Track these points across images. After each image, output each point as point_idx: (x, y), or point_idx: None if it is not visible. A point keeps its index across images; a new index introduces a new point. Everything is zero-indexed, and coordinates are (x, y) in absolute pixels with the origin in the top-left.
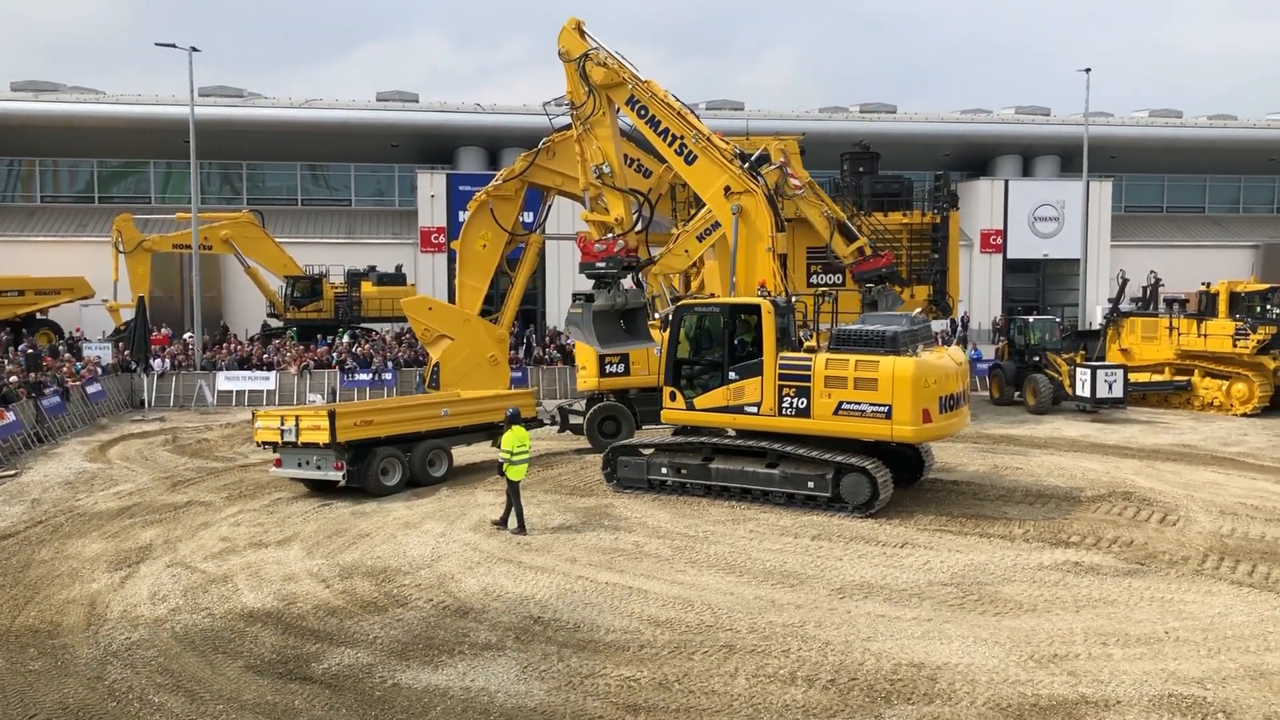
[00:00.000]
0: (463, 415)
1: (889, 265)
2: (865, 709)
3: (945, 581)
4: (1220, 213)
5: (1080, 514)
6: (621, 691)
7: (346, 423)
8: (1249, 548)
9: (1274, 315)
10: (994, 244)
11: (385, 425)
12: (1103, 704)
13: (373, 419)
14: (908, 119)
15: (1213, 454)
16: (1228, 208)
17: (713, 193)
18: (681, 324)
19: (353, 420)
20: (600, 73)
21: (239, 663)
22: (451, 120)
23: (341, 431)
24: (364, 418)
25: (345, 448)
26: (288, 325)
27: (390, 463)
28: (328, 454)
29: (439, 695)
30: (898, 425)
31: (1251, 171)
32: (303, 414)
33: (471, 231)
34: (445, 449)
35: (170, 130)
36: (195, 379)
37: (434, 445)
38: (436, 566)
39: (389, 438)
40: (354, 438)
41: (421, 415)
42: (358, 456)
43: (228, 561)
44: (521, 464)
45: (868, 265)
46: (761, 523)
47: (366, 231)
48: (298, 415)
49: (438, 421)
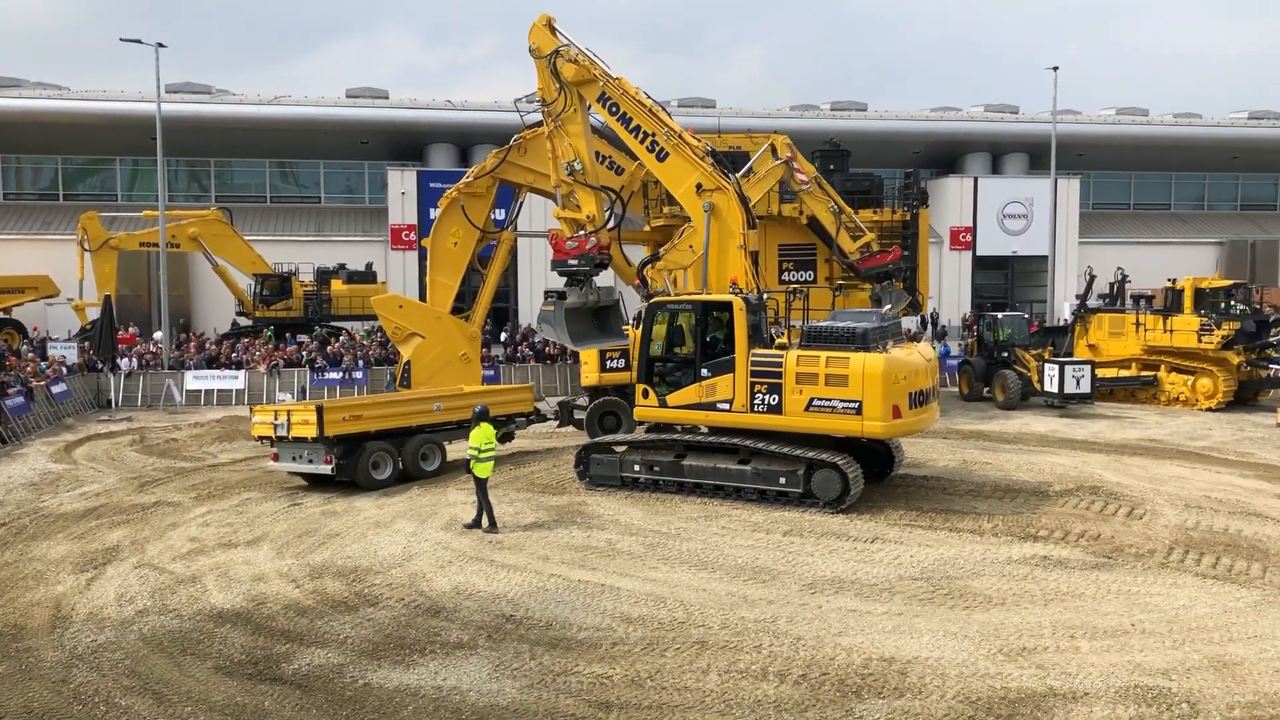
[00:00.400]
0: (456, 410)
1: (895, 261)
2: (836, 703)
3: (915, 576)
4: (1185, 210)
5: (1048, 508)
6: (594, 689)
7: (335, 417)
8: (1213, 540)
9: (1238, 311)
10: (963, 241)
11: (375, 420)
12: (1070, 696)
13: (362, 413)
14: (878, 117)
15: (1178, 448)
16: (1193, 205)
17: (684, 190)
18: (654, 321)
19: (341, 415)
20: (571, 69)
21: (208, 664)
22: (422, 117)
23: (329, 426)
24: (353, 412)
25: (334, 442)
26: (263, 324)
27: (381, 457)
28: (318, 448)
29: (410, 695)
30: (868, 421)
31: (1216, 169)
32: (294, 409)
33: (443, 229)
34: (438, 443)
35: (136, 127)
36: (163, 378)
37: (426, 440)
38: (408, 565)
39: (379, 432)
40: (342, 432)
41: (413, 410)
42: (348, 451)
43: (196, 562)
44: (488, 461)
45: (874, 261)
46: (734, 519)
47: (336, 229)
48: (289, 410)
49: (429, 416)
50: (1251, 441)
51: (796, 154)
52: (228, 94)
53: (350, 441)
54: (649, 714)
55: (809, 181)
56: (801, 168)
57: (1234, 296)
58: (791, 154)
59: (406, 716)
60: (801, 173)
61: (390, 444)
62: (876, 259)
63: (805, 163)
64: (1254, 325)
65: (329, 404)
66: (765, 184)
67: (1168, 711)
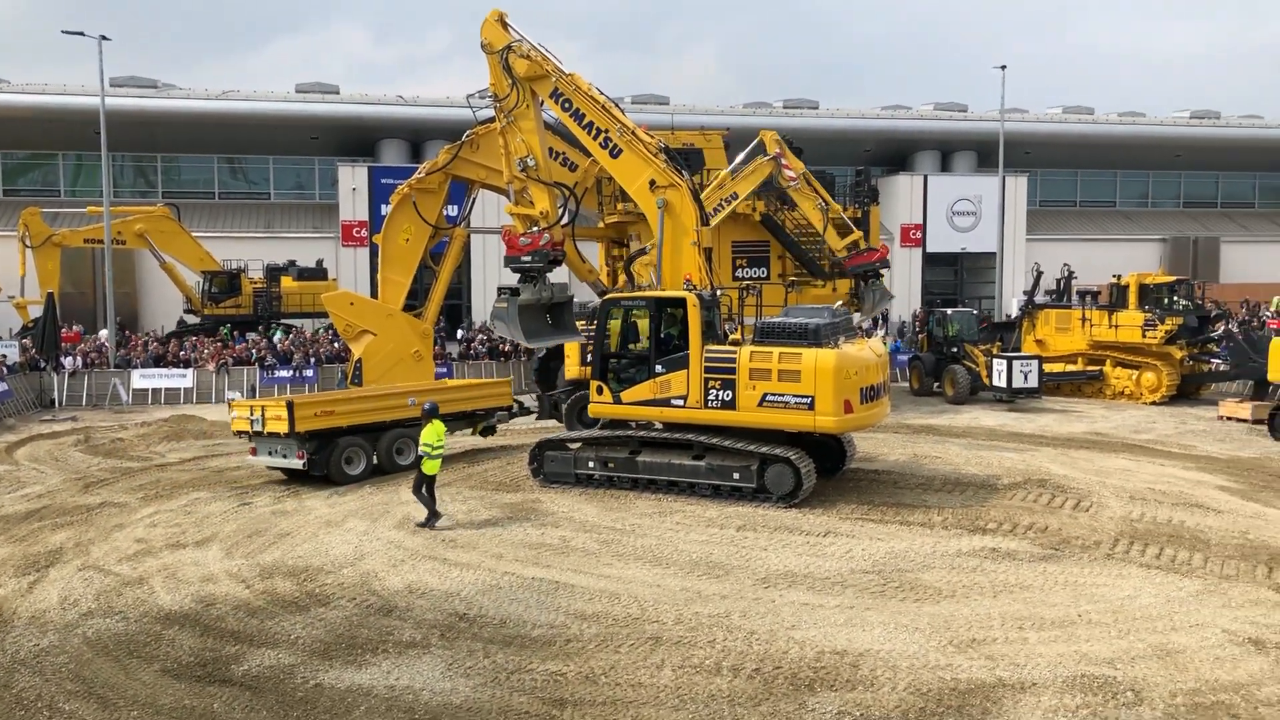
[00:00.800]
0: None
1: (883, 259)
2: (789, 697)
3: (867, 569)
4: (1130, 207)
5: (997, 501)
6: (548, 686)
7: (306, 413)
8: (1157, 531)
9: (1181, 307)
10: (914, 238)
11: (347, 415)
12: (1019, 686)
13: (334, 409)
14: (829, 115)
15: (1124, 441)
16: (1137, 202)
17: (638, 186)
18: (608, 318)
19: (313, 410)
20: (524, 65)
21: (155, 667)
22: (373, 112)
23: (300, 421)
24: (324, 408)
25: (306, 437)
26: (212, 322)
27: (355, 452)
28: (290, 443)
29: (363, 695)
30: (820, 416)
31: (1159, 167)
32: (268, 404)
33: (394, 225)
34: (413, 438)
35: (80, 121)
36: (109, 377)
37: (401, 434)
38: (359, 565)
39: (352, 427)
40: (314, 427)
41: (386, 405)
42: (321, 446)
43: (143, 564)
44: (438, 458)
45: (861, 259)
46: (688, 515)
47: (286, 225)
48: (264, 405)
49: (404, 411)
50: (1194, 434)
51: (785, 150)
52: (174, 88)
53: (323, 437)
54: (603, 711)
55: (797, 178)
56: (789, 164)
57: (1177, 292)
58: (780, 150)
59: (359, 717)
60: (790, 169)
61: (364, 439)
62: (863, 256)
63: (793, 159)
64: (1196, 320)
65: (300, 399)
66: (753, 180)
67: (1113, 700)
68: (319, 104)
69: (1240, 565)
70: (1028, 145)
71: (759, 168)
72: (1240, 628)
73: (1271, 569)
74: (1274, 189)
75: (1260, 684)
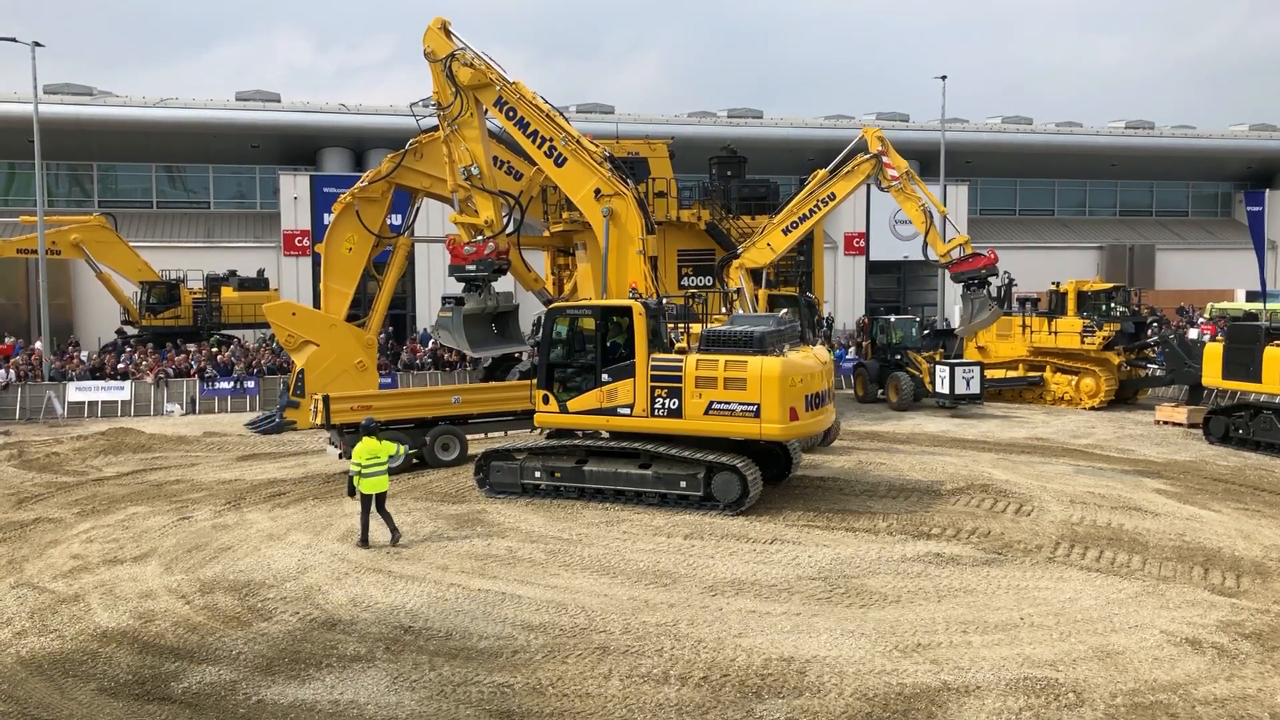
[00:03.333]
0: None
1: (989, 266)
2: (737, 704)
3: (813, 576)
4: (1068, 215)
5: (941, 507)
6: (495, 698)
7: (341, 406)
8: (1097, 534)
9: (1118, 313)
10: (857, 246)
11: (386, 410)
12: (963, 690)
13: (371, 404)
14: (773, 124)
15: (1064, 446)
16: (1074, 210)
17: (583, 195)
18: (554, 327)
19: (348, 405)
20: (467, 73)
21: (91, 685)
22: (315, 120)
23: (335, 415)
24: (362, 402)
25: (341, 429)
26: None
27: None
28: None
29: (306, 710)
30: (766, 424)
31: (1096, 176)
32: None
33: (337, 234)
34: (458, 435)
35: (12, 128)
36: (43, 390)
37: (446, 431)
38: (303, 578)
39: (389, 422)
40: (348, 421)
41: (427, 401)
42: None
43: (79, 580)
44: (377, 476)
45: (966, 265)
46: (635, 523)
47: (226, 235)
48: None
49: (446, 408)
50: (1132, 439)
51: (889, 148)
52: (111, 95)
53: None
54: None
55: (899, 177)
56: (892, 162)
57: (1114, 299)
58: (883, 148)
59: None
60: (892, 167)
61: (408, 434)
62: (969, 263)
63: (897, 157)
64: (1133, 327)
65: (337, 395)
66: (853, 180)
67: (1055, 701)
68: (260, 112)
69: (1177, 567)
70: (968, 154)
71: (859, 167)
72: (1178, 628)
73: (1207, 570)
74: (1206, 197)
75: (1197, 683)
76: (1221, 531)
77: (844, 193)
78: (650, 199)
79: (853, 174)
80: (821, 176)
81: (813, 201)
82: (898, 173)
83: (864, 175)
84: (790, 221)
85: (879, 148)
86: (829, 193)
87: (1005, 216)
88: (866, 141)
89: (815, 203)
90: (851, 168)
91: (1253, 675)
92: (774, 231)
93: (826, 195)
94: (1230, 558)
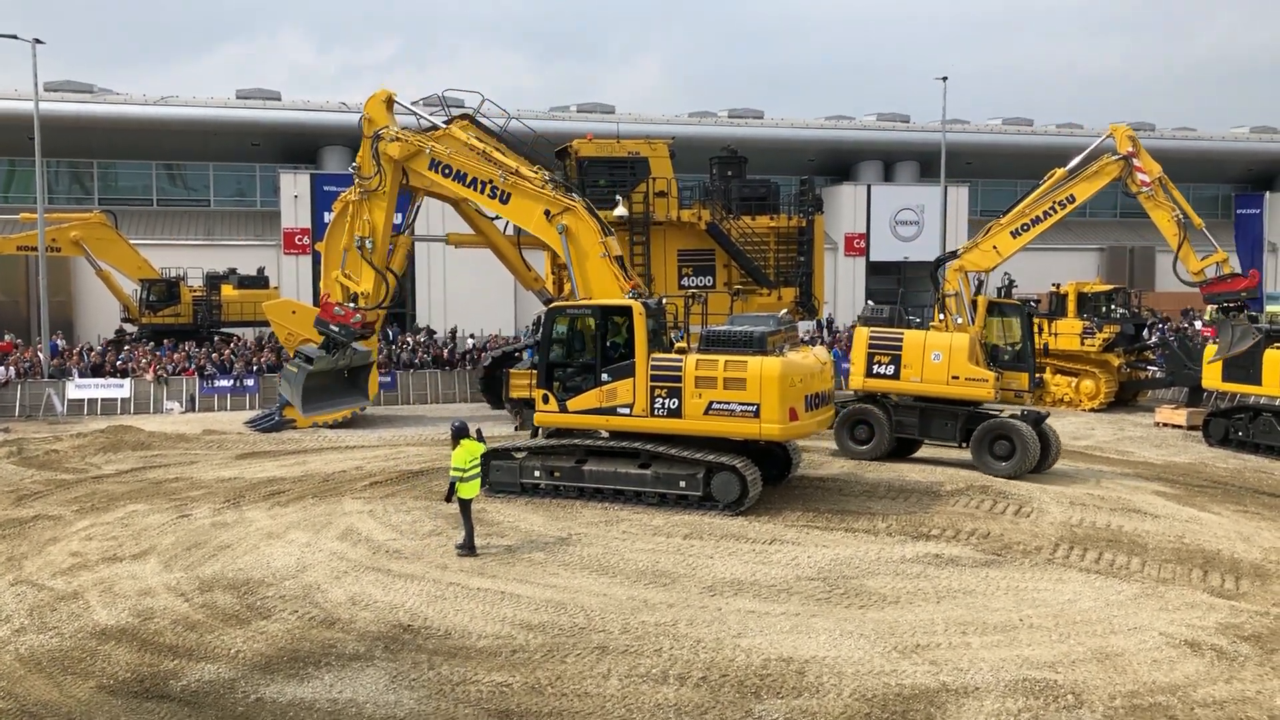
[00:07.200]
0: None
1: (1250, 289)
2: (736, 704)
3: (812, 576)
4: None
5: (940, 508)
6: (494, 697)
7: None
8: (1096, 536)
9: (1118, 315)
10: (857, 247)
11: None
12: (962, 691)
13: None
14: (774, 125)
15: (1063, 447)
16: (1075, 212)
17: (535, 223)
18: (554, 326)
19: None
20: (396, 148)
21: (90, 683)
22: (315, 119)
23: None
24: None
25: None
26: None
27: None
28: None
29: (305, 708)
30: (765, 424)
31: None
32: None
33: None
34: None
35: (13, 126)
36: (43, 387)
37: None
38: (302, 577)
39: None
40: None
41: None
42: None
43: (78, 578)
44: (474, 480)
45: (1223, 286)
46: (634, 523)
47: (226, 233)
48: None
49: None
50: (1131, 440)
51: (1141, 149)
52: (111, 93)
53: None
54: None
55: (1151, 183)
56: (1144, 166)
57: (1114, 301)
58: (1134, 149)
59: None
60: (1143, 172)
61: None
62: (1224, 284)
63: (1149, 160)
64: (1133, 328)
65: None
66: (1098, 182)
67: (1054, 703)
68: (260, 110)
69: (1177, 569)
70: (969, 156)
71: (1104, 168)
72: (1177, 630)
73: (1207, 572)
74: (1207, 200)
75: (1196, 685)
76: (1221, 534)
77: (1084, 195)
78: (651, 199)
79: (1097, 175)
80: (1060, 176)
81: (1048, 203)
82: (1149, 178)
83: (1109, 178)
84: (1021, 224)
85: (1129, 148)
86: (1068, 194)
87: None
88: (1114, 140)
89: (1052, 204)
90: (1096, 169)
91: (1252, 677)
92: (1001, 233)
93: (1065, 197)
94: (1230, 560)
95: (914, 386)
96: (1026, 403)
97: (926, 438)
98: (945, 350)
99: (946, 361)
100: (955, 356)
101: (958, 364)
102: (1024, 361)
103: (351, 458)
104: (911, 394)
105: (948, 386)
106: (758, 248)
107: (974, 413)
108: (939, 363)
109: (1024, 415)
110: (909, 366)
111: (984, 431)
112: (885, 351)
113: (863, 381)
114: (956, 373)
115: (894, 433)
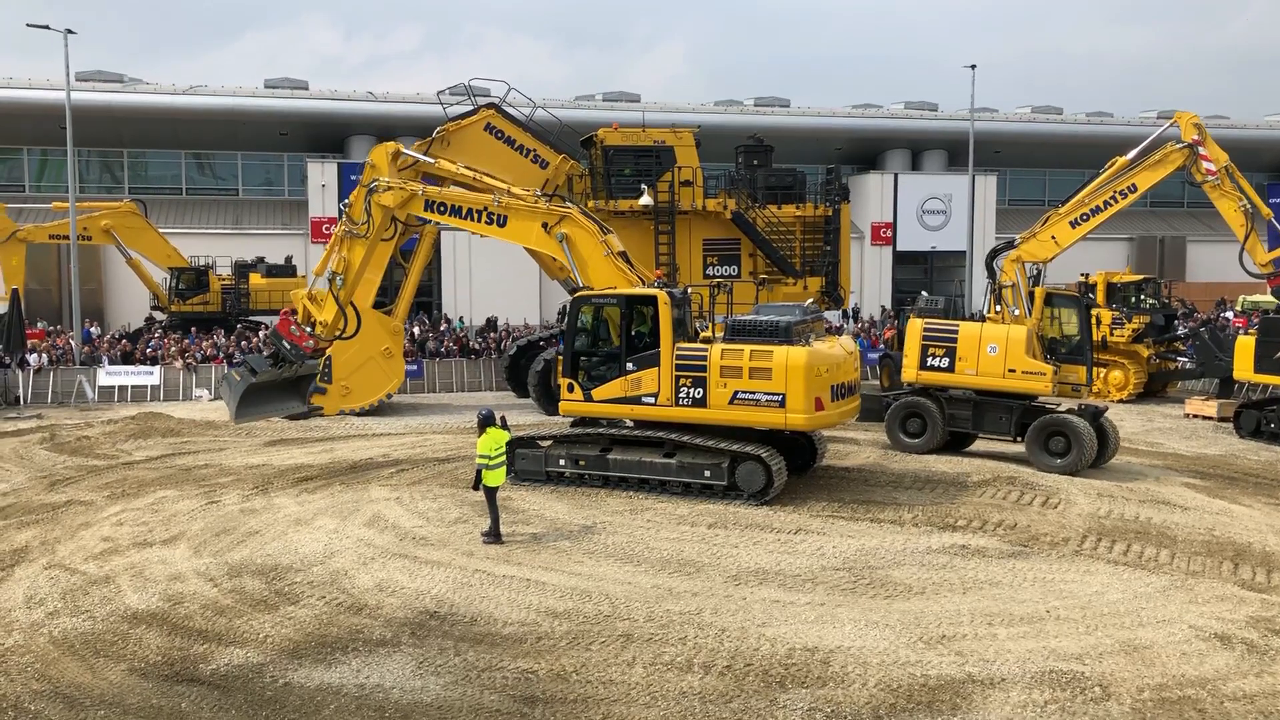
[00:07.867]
0: None
1: None
2: (760, 694)
3: (837, 566)
4: None
5: (966, 498)
6: (519, 684)
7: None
8: (1124, 528)
9: (1148, 305)
10: (884, 236)
11: None
12: (988, 682)
13: None
14: (800, 113)
15: None
16: None
17: (535, 237)
18: (579, 315)
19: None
20: (390, 197)
21: (122, 666)
22: (343, 108)
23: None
24: None
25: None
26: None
27: None
28: None
29: (332, 693)
30: (791, 413)
31: None
32: None
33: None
34: None
35: (45, 115)
36: (75, 374)
37: None
38: (329, 563)
39: None
40: None
41: None
42: None
43: (110, 562)
44: (500, 468)
45: None
46: (659, 512)
47: (254, 222)
48: None
49: None
50: (1160, 432)
51: (1207, 138)
52: (141, 83)
53: None
54: (574, 708)
55: (1217, 173)
56: (1210, 154)
57: (1144, 291)
58: (1200, 137)
59: (328, 716)
60: (1209, 160)
61: None
62: None
63: (1216, 148)
64: (1163, 319)
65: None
66: (1162, 170)
67: (1081, 695)
68: (288, 99)
69: (1206, 562)
70: (997, 144)
71: (1169, 156)
72: (1206, 623)
73: (1237, 565)
74: None
75: (1226, 679)
76: (1252, 526)
77: (1147, 184)
78: (676, 188)
79: (1161, 164)
80: (1121, 164)
81: (1109, 192)
82: (1215, 167)
83: (1174, 166)
84: (1081, 214)
85: (1195, 136)
86: (1130, 184)
87: (1035, 207)
88: (1180, 128)
89: (1113, 194)
90: (1160, 157)
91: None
92: (1060, 223)
93: (1127, 186)
94: (1261, 553)
95: (969, 380)
96: (1084, 396)
97: (980, 431)
98: (1002, 343)
99: (1003, 354)
100: (1012, 349)
101: (1014, 357)
102: (1082, 354)
103: (378, 445)
104: (967, 387)
105: (1004, 380)
106: (783, 237)
107: (1029, 406)
108: (995, 355)
109: (1081, 410)
110: (964, 359)
111: (1040, 427)
112: (940, 344)
113: (916, 374)
114: (1013, 366)
115: (947, 426)
